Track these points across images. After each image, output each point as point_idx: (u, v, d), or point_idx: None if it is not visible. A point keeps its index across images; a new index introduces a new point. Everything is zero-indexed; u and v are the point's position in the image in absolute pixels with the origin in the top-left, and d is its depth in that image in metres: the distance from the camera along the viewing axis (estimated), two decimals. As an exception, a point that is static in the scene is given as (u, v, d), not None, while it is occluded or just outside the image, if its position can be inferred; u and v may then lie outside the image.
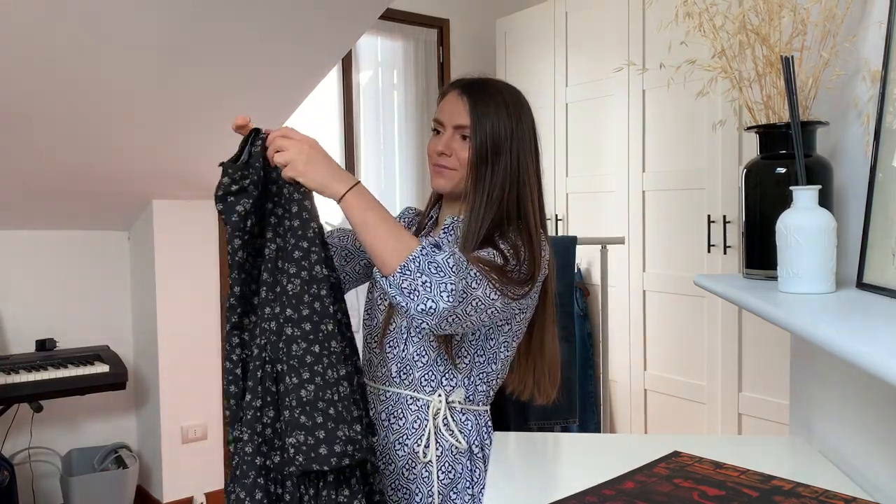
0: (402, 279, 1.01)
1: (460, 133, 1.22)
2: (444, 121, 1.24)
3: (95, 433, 2.93)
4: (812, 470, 1.06)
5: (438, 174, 1.25)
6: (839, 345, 0.68)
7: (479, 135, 1.20)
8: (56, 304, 2.82)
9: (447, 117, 1.24)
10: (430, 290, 1.00)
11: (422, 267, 1.01)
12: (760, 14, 1.12)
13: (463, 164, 1.22)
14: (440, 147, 1.23)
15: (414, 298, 1.01)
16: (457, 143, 1.23)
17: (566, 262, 2.38)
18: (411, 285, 1.01)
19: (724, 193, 2.63)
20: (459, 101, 1.23)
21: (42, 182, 2.50)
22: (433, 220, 1.35)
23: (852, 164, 1.09)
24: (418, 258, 1.01)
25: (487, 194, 1.20)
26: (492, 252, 1.16)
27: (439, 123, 1.26)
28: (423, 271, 1.00)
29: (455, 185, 1.24)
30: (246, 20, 2.03)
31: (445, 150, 1.23)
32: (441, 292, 1.00)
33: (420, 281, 1.00)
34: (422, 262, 1.01)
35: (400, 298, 1.02)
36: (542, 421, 2.29)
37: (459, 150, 1.22)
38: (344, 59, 3.34)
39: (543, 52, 3.46)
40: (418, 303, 1.00)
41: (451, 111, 1.24)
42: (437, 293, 1.00)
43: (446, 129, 1.24)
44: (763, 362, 2.53)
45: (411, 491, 1.23)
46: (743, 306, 1.00)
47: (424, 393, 1.24)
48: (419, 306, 1.01)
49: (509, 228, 1.21)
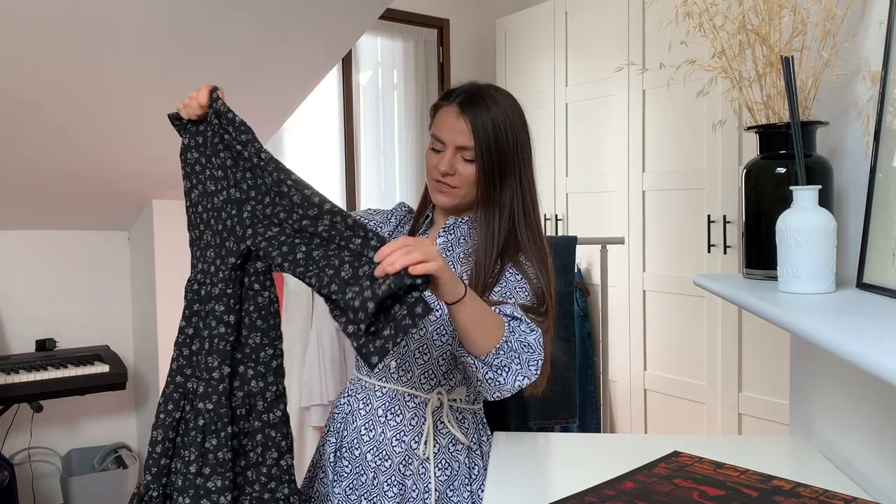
0: (495, 358, 1.07)
1: (462, 154, 1.22)
2: (445, 140, 1.23)
3: (95, 433, 2.92)
4: (812, 470, 1.06)
5: (441, 192, 1.24)
6: (839, 345, 0.68)
7: (484, 157, 1.21)
8: (56, 304, 2.82)
9: (448, 136, 1.22)
10: (523, 366, 1.08)
11: (514, 347, 1.08)
12: (760, 14, 1.12)
13: (466, 182, 1.23)
14: (443, 167, 1.22)
15: (507, 374, 1.08)
16: (459, 163, 1.22)
17: (566, 262, 2.38)
18: (503, 363, 1.07)
19: (724, 193, 2.63)
20: (460, 120, 1.21)
21: (42, 182, 2.50)
22: (429, 219, 1.35)
23: (852, 164, 1.09)
24: (510, 340, 1.07)
25: (499, 211, 1.22)
26: (524, 287, 1.18)
27: (439, 141, 1.24)
28: (516, 350, 1.08)
29: (458, 202, 1.25)
30: (246, 20, 2.03)
31: (449, 170, 1.22)
32: (530, 365, 1.09)
33: (514, 359, 1.07)
34: (514, 343, 1.08)
35: (492, 374, 1.08)
36: (542, 421, 2.29)
37: (463, 170, 1.22)
38: (344, 59, 3.34)
39: (543, 52, 3.46)
40: (513, 378, 1.08)
41: (451, 130, 1.22)
42: (528, 369, 1.09)
43: (447, 149, 1.22)
44: (763, 362, 2.53)
45: (407, 487, 1.23)
46: (743, 306, 1.00)
47: (423, 391, 1.24)
48: (515, 382, 1.08)
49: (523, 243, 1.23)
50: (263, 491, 1.11)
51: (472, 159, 1.21)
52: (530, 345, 1.09)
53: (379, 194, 3.69)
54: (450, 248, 1.29)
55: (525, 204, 1.24)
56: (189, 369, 1.14)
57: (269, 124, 2.64)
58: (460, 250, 1.28)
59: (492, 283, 1.19)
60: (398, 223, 1.38)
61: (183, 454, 1.10)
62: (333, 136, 3.55)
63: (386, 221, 1.39)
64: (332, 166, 3.55)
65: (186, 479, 1.08)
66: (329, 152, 3.54)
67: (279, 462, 1.12)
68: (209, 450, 1.08)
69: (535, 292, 1.19)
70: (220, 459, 1.07)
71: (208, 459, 1.07)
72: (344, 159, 3.57)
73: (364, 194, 3.66)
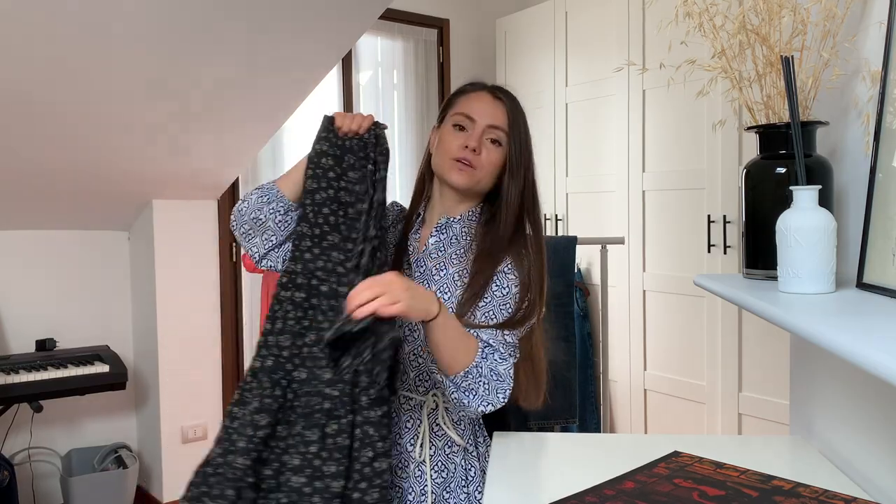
0: (463, 380, 1.10)
1: (492, 134, 1.22)
2: (476, 117, 1.22)
3: (95, 433, 2.92)
4: (812, 470, 1.06)
5: (460, 170, 1.22)
6: (839, 345, 0.68)
7: (513, 144, 1.22)
8: (56, 304, 2.82)
9: (480, 114, 1.22)
10: (490, 393, 1.12)
11: (483, 373, 1.11)
12: (760, 14, 1.12)
13: (486, 165, 1.23)
14: (472, 142, 1.21)
15: (473, 397, 1.11)
16: (485, 146, 1.23)
17: (566, 262, 2.38)
18: (471, 386, 1.11)
19: (724, 193, 2.63)
20: (496, 102, 1.24)
21: (42, 182, 2.50)
22: (420, 218, 1.33)
23: (852, 164, 1.09)
24: (481, 366, 1.11)
25: (514, 203, 1.23)
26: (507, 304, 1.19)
27: (467, 118, 1.23)
28: (485, 377, 1.11)
29: (473, 185, 1.24)
30: (246, 20, 2.03)
31: (477, 146, 1.21)
32: (498, 394, 1.13)
33: (482, 384, 1.11)
34: (484, 370, 1.11)
35: (458, 394, 1.12)
36: (542, 421, 2.28)
37: (487, 153, 1.23)
38: (344, 59, 3.34)
39: (543, 52, 3.46)
40: (479, 402, 1.11)
41: (484, 109, 1.23)
42: (495, 396, 1.12)
43: (476, 126, 1.22)
44: (763, 362, 2.53)
45: (404, 490, 1.23)
46: (743, 306, 1.00)
47: (418, 393, 1.24)
48: (479, 406, 1.12)
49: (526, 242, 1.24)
50: (353, 490, 1.10)
51: (498, 142, 1.23)
52: (500, 374, 1.13)
53: (379, 194, 3.68)
54: (441, 248, 1.28)
55: (535, 202, 1.26)
56: (299, 359, 1.18)
57: (269, 124, 2.64)
58: (452, 251, 1.27)
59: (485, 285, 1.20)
60: (392, 222, 1.38)
61: (304, 434, 1.13)
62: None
63: None
64: (332, 166, 3.55)
65: (305, 458, 1.11)
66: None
67: (373, 463, 1.12)
68: (329, 434, 1.11)
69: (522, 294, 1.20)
70: (339, 445, 1.11)
71: (327, 444, 1.11)
72: (344, 159, 3.57)
73: (364, 194, 3.65)
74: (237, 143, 2.67)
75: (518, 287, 1.20)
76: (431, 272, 1.25)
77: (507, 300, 1.19)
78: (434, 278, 1.24)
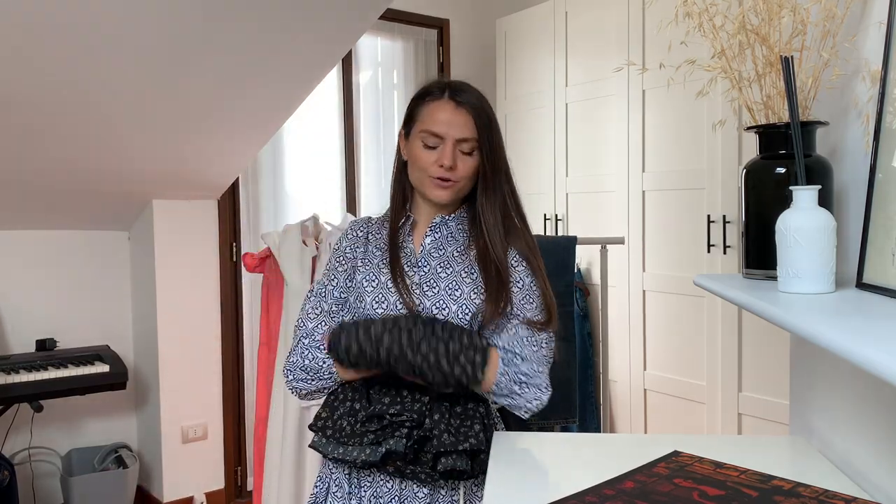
0: (500, 391, 1.20)
1: (462, 147, 1.23)
2: (443, 134, 1.22)
3: (95, 433, 2.93)
4: (812, 470, 1.06)
5: (443, 188, 1.24)
6: (839, 345, 0.68)
7: (484, 145, 1.24)
8: (56, 304, 2.82)
9: (446, 130, 1.22)
10: (530, 389, 1.21)
11: (513, 379, 1.19)
12: (760, 14, 1.12)
13: (465, 175, 1.25)
14: (446, 161, 1.22)
15: (517, 399, 1.21)
16: (459, 156, 1.23)
17: (566, 262, 2.38)
18: (504, 392, 1.20)
19: (724, 193, 2.63)
20: (459, 112, 1.23)
21: (42, 182, 2.50)
22: (410, 220, 1.32)
23: (852, 164, 1.09)
24: (508, 373, 1.19)
25: (500, 207, 1.26)
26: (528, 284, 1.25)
27: (436, 136, 1.23)
28: (516, 382, 1.20)
29: (456, 196, 1.27)
30: (245, 20, 2.03)
31: (452, 162, 1.22)
32: (539, 389, 1.21)
33: (514, 389, 1.20)
34: (512, 375, 1.20)
35: (504, 401, 1.22)
36: (542, 421, 2.28)
37: (462, 164, 1.24)
38: (344, 59, 3.34)
39: (543, 52, 3.46)
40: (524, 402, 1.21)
41: (449, 122, 1.22)
42: (535, 391, 1.21)
43: (446, 142, 1.22)
44: (763, 362, 2.53)
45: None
46: (743, 306, 1.00)
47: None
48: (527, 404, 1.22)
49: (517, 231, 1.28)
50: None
51: (469, 152, 1.24)
52: (526, 374, 1.20)
53: (379, 194, 3.68)
54: (440, 246, 1.28)
55: (513, 189, 1.29)
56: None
57: (269, 124, 2.64)
58: (452, 248, 1.28)
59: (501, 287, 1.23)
60: (366, 237, 1.33)
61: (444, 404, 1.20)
62: (334, 136, 3.55)
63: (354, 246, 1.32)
64: (333, 166, 3.55)
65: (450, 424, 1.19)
66: (329, 152, 3.54)
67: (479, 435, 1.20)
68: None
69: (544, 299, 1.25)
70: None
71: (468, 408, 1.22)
72: (344, 159, 3.57)
73: (364, 194, 3.65)
74: (237, 142, 2.67)
75: (531, 277, 1.25)
76: (436, 271, 1.25)
77: (526, 293, 1.24)
78: (441, 276, 1.25)
